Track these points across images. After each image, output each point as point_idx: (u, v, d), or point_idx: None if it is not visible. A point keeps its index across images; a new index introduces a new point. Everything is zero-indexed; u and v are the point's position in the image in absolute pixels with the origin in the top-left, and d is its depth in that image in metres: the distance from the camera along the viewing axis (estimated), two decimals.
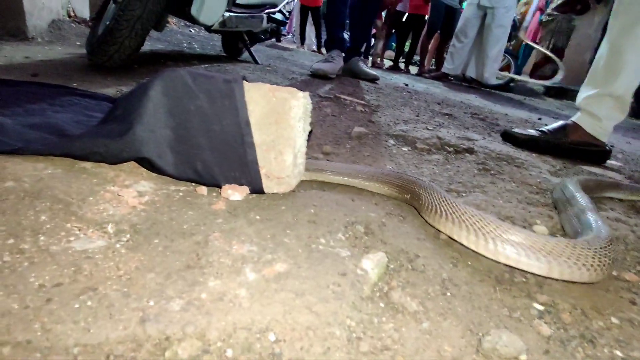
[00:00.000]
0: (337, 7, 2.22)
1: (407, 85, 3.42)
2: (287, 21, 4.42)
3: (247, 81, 0.54)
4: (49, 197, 0.46)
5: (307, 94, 0.56)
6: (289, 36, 7.79)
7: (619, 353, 0.37)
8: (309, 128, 0.58)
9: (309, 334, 0.32)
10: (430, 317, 0.37)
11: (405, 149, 0.93)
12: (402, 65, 6.25)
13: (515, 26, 5.76)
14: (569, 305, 0.43)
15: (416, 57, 6.45)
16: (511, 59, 5.98)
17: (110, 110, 0.54)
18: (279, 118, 0.52)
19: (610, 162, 1.24)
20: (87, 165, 0.55)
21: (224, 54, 2.80)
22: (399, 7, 5.80)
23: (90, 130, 0.55)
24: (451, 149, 1.00)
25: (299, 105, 0.53)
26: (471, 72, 4.66)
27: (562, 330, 0.39)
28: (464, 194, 0.69)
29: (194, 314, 0.32)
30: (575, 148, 1.21)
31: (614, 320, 0.42)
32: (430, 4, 5.38)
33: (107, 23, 1.59)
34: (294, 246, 0.44)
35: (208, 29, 2.02)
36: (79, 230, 0.41)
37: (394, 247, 0.48)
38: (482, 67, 4.47)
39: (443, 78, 4.86)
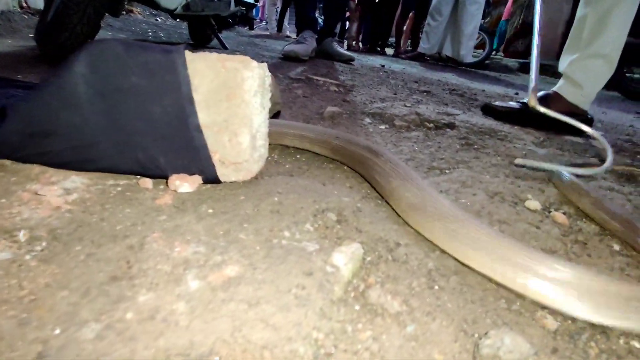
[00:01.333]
0: None
1: (383, 66, 3.35)
2: (258, 4, 4.27)
3: (190, 51, 0.45)
4: None
5: (264, 64, 0.48)
6: (262, 23, 7.56)
7: (636, 344, 0.32)
8: (268, 104, 0.50)
9: (264, 354, 0.25)
10: (416, 318, 0.31)
11: (382, 127, 0.87)
12: (378, 48, 6.17)
13: (489, 3, 5.75)
14: None
15: (392, 39, 6.38)
16: (486, 37, 5.95)
17: (30, 94, 0.45)
18: (230, 93, 0.45)
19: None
20: (6, 162, 0.46)
21: (192, 42, 2.67)
22: None
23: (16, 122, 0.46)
24: (431, 124, 0.94)
25: (253, 76, 0.45)
26: (447, 51, 4.62)
27: (569, 320, 0.33)
28: (447, 171, 0.63)
29: (112, 342, 0.25)
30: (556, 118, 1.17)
31: None
32: None
33: (57, 7, 1.45)
34: (251, 243, 0.36)
35: (172, 14, 1.90)
36: None
37: (370, 235, 0.41)
38: (458, 45, 4.44)
39: (420, 58, 4.80)
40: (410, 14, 5.25)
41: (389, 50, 6.42)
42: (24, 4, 2.65)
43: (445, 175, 0.61)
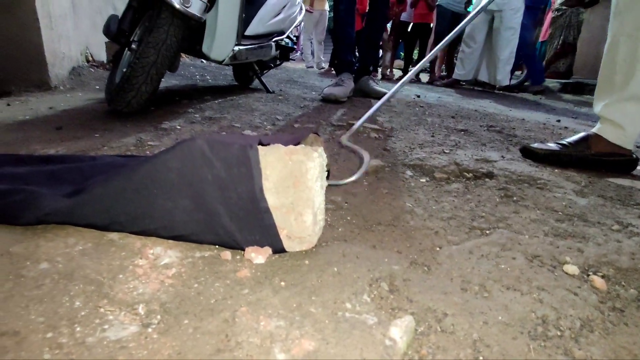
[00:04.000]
0: (345, 31, 2.25)
1: (418, 97, 3.41)
2: (295, 46, 4.47)
3: (263, 144, 0.55)
4: (81, 278, 0.48)
5: (322, 150, 0.57)
6: (297, 53, 7.89)
7: None
8: (325, 184, 0.58)
9: None
10: None
11: (423, 180, 0.93)
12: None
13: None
14: None
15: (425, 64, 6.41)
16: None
17: (128, 175, 0.56)
18: (296, 181, 0.53)
19: None
20: (114, 236, 0.57)
21: (236, 83, 2.86)
22: (403, 17, 5.83)
23: (110, 197, 0.57)
24: (470, 174, 0.99)
25: (315, 166, 0.54)
26: (483, 77, 4.62)
27: None
28: (487, 232, 0.68)
29: None
30: (599, 160, 1.18)
31: None
32: (435, 11, 5.38)
33: (124, 70, 1.66)
34: (321, 316, 0.44)
35: (219, 63, 2.08)
36: (112, 314, 0.43)
37: (420, 305, 0.48)
38: (494, 70, 4.43)
39: (455, 85, 4.82)
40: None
41: (424, 76, 6.46)
42: (90, 58, 2.96)
43: (486, 237, 0.66)
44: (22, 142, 1.20)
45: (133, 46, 1.65)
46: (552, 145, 1.24)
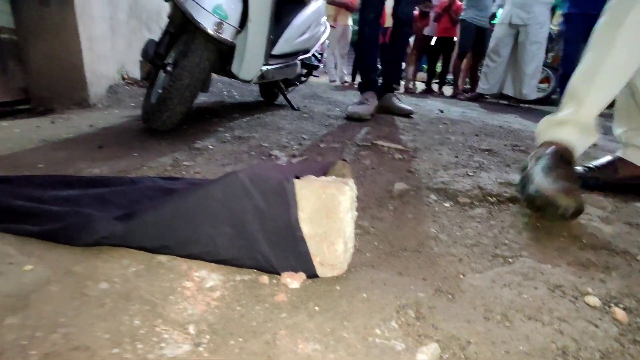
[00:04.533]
0: (369, 52, 2.30)
1: (442, 111, 3.41)
2: (321, 64, 4.55)
3: (298, 177, 0.60)
4: (137, 298, 0.54)
5: (352, 184, 0.62)
6: (321, 66, 8.04)
7: None
8: (355, 214, 0.63)
9: None
10: None
11: (447, 204, 0.96)
12: (435, 87, 6.24)
13: (552, 39, 5.60)
14: None
15: (449, 77, 6.41)
16: (550, 72, 5.81)
17: (177, 205, 0.62)
18: (329, 212, 0.58)
19: None
20: (163, 258, 0.63)
21: (262, 99, 2.95)
22: (426, 32, 5.85)
23: (161, 223, 0.63)
24: (494, 199, 1.01)
25: (346, 199, 0.58)
26: (508, 90, 4.58)
27: None
28: (510, 260, 0.71)
29: None
30: (626, 184, 1.18)
31: None
32: (458, 25, 5.39)
33: (160, 92, 1.75)
34: (353, 341, 0.48)
35: (247, 82, 2.16)
36: (167, 333, 0.48)
37: (445, 333, 0.51)
38: (520, 84, 4.39)
39: (479, 98, 4.79)
40: (468, 54, 5.28)
41: (447, 90, 6.45)
42: (125, 76, 3.12)
43: (509, 265, 0.69)
44: (69, 161, 1.29)
45: (168, 68, 1.75)
46: (577, 169, 1.24)
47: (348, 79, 6.24)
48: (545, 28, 4.11)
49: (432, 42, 5.89)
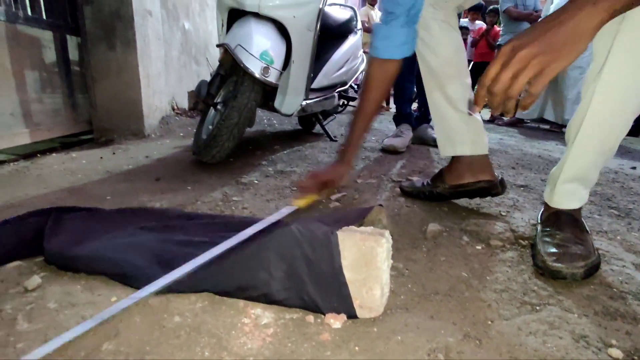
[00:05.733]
0: (404, 86, 2.39)
1: None
2: (358, 96, 4.66)
3: (341, 232, 0.69)
4: (205, 331, 0.64)
5: (388, 235, 0.70)
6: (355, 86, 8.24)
7: None
8: (391, 262, 0.71)
9: None
10: None
11: (479, 247, 1.01)
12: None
13: None
14: None
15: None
16: None
17: (237, 257, 0.72)
18: (368, 262, 0.66)
19: None
20: (225, 298, 0.73)
21: (300, 127, 3.09)
22: None
23: (221, 271, 0.73)
24: (525, 242, 1.05)
25: (382, 251, 0.66)
26: (549, 116, 4.50)
27: None
28: (537, 307, 0.75)
29: None
30: (457, 191, 1.27)
31: None
32: (496, 50, 5.37)
33: (210, 128, 1.92)
34: None
35: (288, 116, 2.30)
36: None
37: None
38: (562, 109, 4.31)
39: (518, 124, 4.74)
40: None
41: (485, 113, 6.37)
42: (175, 107, 3.37)
43: (536, 313, 0.74)
44: (132, 193, 1.45)
45: (219, 107, 1.92)
46: (416, 184, 1.37)
47: (382, 103, 6.32)
48: (588, 53, 4.03)
49: (470, 67, 5.90)
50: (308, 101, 2.22)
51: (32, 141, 2.05)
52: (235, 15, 1.89)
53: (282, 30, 1.87)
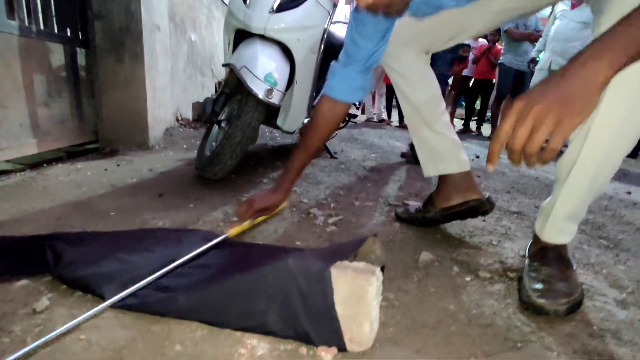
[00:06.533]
0: None
1: (477, 157, 3.45)
2: (358, 110, 4.73)
3: (335, 268, 0.73)
4: None
5: (379, 272, 0.74)
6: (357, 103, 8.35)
7: None
8: (380, 298, 0.75)
9: None
10: None
11: (468, 278, 1.05)
12: (473, 125, 6.26)
13: None
14: None
15: (489, 113, 6.43)
16: None
17: (235, 289, 0.77)
18: (358, 298, 0.70)
19: None
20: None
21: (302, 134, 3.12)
22: (465, 72, 5.94)
23: (221, 301, 0.78)
24: (513, 274, 1.09)
25: (372, 289, 0.70)
26: None
27: None
28: (519, 344, 0.79)
29: None
30: (448, 214, 1.31)
31: None
32: (497, 68, 5.45)
33: (214, 144, 1.97)
34: None
35: (290, 133, 2.35)
36: None
37: None
38: None
39: None
40: (507, 96, 5.31)
41: (486, 128, 6.44)
42: (179, 117, 3.42)
43: (517, 350, 0.77)
44: (135, 209, 1.49)
45: (223, 125, 1.97)
46: (410, 209, 1.44)
47: (384, 116, 6.40)
48: None
49: (471, 84, 5.98)
50: (309, 119, 2.26)
51: (40, 151, 2.10)
52: (241, 36, 1.95)
53: (286, 51, 1.92)
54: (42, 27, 2.07)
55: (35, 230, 1.25)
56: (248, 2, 1.90)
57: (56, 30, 2.19)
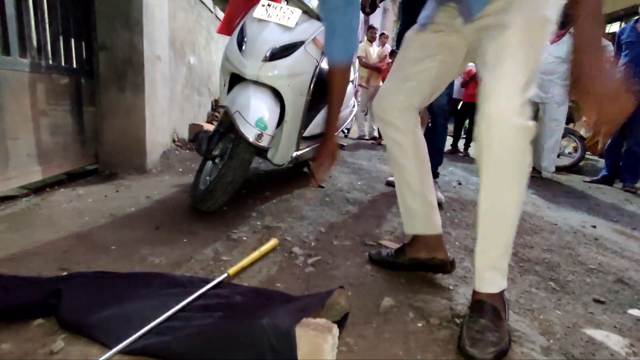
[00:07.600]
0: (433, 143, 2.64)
1: (460, 184, 3.63)
2: (346, 137, 4.93)
3: (299, 327, 0.90)
4: None
5: (336, 331, 0.91)
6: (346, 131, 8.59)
7: None
8: (336, 351, 0.92)
9: None
10: None
11: (420, 324, 1.22)
12: (461, 146, 6.47)
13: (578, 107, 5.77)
14: None
15: None
16: (577, 140, 5.97)
17: (217, 338, 0.94)
18: (317, 353, 0.88)
19: None
20: None
21: (291, 165, 3.29)
22: (454, 95, 6.16)
23: (201, 347, 0.94)
24: (459, 320, 1.27)
25: (328, 347, 0.88)
26: None
27: None
28: None
29: None
30: (415, 264, 1.52)
31: None
32: None
33: (208, 179, 2.13)
34: None
35: (280, 166, 2.52)
36: None
37: None
38: (539, 157, 4.58)
39: None
40: None
41: (472, 149, 6.65)
42: (176, 138, 3.57)
43: None
44: (134, 243, 1.65)
45: (216, 161, 2.14)
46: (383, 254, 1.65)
47: (376, 133, 6.60)
48: (564, 107, 4.33)
49: (459, 106, 6.20)
50: (299, 152, 2.43)
51: (44, 177, 2.25)
52: (236, 77, 2.12)
53: (277, 92, 2.10)
54: (50, 61, 2.23)
55: (44, 264, 1.41)
56: (243, 48, 2.08)
57: (63, 63, 2.35)
